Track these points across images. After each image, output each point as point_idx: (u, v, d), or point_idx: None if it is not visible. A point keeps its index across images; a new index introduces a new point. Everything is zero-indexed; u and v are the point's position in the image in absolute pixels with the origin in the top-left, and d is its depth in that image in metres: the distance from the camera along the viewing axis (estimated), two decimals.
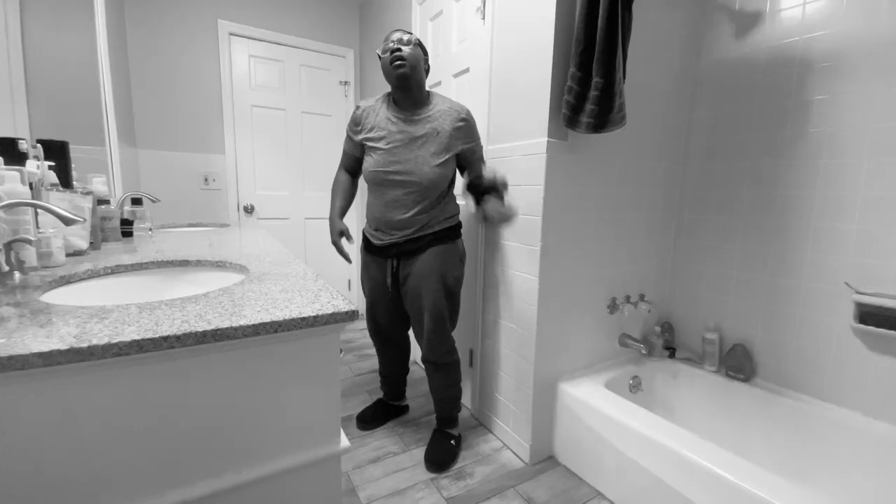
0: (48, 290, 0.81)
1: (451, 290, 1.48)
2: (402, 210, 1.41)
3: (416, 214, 1.41)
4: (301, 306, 0.69)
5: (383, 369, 1.78)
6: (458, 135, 1.41)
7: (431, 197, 1.41)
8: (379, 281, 1.55)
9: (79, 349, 0.49)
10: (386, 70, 1.39)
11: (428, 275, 1.43)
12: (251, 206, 2.68)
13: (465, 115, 1.43)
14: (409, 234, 1.43)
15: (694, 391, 1.69)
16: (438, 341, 1.48)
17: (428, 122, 1.40)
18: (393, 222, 1.43)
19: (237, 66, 2.55)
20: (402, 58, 1.34)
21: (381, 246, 1.48)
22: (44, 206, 0.79)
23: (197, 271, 1.04)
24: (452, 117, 1.41)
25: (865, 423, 1.31)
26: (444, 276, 1.44)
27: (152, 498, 0.59)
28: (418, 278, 1.44)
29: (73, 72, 1.61)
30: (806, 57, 1.43)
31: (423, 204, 1.41)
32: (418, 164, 1.38)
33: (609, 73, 1.27)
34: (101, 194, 1.34)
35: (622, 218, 1.64)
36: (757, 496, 0.99)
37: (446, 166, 1.41)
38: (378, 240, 1.49)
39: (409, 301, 1.49)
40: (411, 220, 1.42)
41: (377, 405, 1.81)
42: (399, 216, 1.42)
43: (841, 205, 1.37)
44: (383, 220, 1.45)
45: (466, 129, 1.43)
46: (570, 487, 1.42)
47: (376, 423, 1.75)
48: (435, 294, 1.43)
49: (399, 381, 1.81)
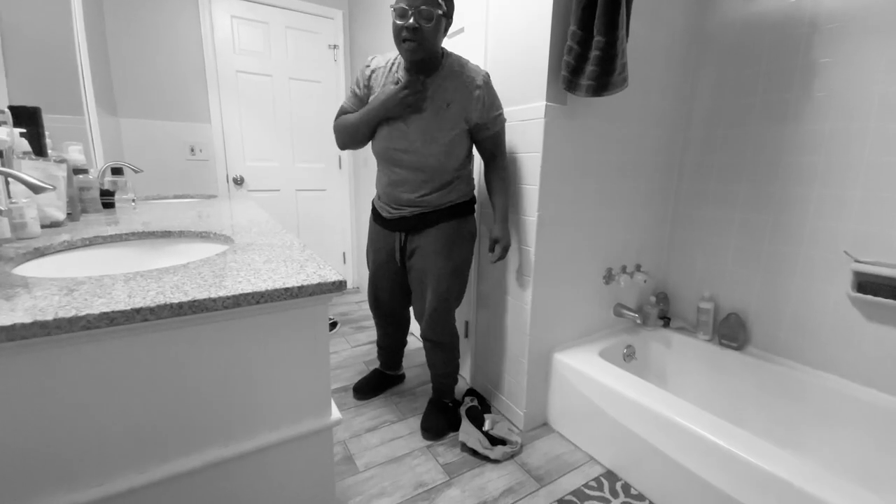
0: (21, 263, 0.77)
1: (458, 269, 1.42)
2: (408, 190, 1.34)
3: (425, 195, 1.33)
4: (285, 277, 0.66)
5: (381, 340, 1.77)
6: (472, 107, 1.24)
7: (441, 177, 1.32)
8: (384, 253, 1.48)
9: (43, 322, 0.46)
10: (395, 37, 1.18)
11: (435, 252, 1.37)
12: (241, 178, 2.60)
13: (481, 80, 1.24)
14: (417, 210, 1.36)
15: (687, 359, 1.70)
16: (441, 321, 1.45)
17: (438, 93, 1.24)
18: (401, 200, 1.36)
19: (219, 28, 2.41)
20: (418, 40, 1.13)
21: (390, 219, 1.42)
22: (9, 172, 0.74)
23: (180, 242, 1.01)
24: (467, 86, 1.23)
25: (858, 391, 1.32)
26: (451, 255, 1.38)
27: (133, 474, 0.58)
28: (425, 255, 1.39)
29: (47, 36, 1.51)
30: (814, 17, 1.36)
31: (432, 185, 1.32)
32: (426, 143, 1.25)
33: (611, 32, 1.20)
34: (77, 163, 1.28)
35: (620, 187, 1.60)
36: (748, 461, 1.01)
37: (457, 144, 1.28)
38: (387, 212, 1.43)
39: (414, 277, 1.45)
40: (419, 199, 1.34)
41: (374, 375, 1.82)
42: (406, 196, 1.35)
43: (845, 171, 1.33)
44: (392, 197, 1.38)
45: (481, 99, 1.24)
46: (564, 453, 1.45)
47: (373, 392, 1.76)
48: (441, 272, 1.38)
49: (396, 353, 1.82)
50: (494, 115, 1.29)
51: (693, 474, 1.11)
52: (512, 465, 1.38)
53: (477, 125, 1.28)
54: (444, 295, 1.41)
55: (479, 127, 1.29)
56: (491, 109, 1.28)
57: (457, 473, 1.35)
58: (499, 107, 1.31)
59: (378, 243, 1.50)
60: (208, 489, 0.65)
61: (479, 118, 1.27)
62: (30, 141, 1.11)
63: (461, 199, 1.40)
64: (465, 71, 1.25)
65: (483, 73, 1.27)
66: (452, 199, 1.38)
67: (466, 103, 1.24)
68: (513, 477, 1.33)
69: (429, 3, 1.12)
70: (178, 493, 0.62)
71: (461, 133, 1.29)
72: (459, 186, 1.39)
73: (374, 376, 1.81)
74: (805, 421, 1.40)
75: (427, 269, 1.40)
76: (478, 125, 1.28)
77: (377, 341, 1.79)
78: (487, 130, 1.30)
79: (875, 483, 1.21)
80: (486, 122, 1.29)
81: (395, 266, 1.48)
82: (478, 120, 1.27)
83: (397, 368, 1.86)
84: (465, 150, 1.34)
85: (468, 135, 1.32)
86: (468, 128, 1.29)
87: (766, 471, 0.97)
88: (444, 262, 1.38)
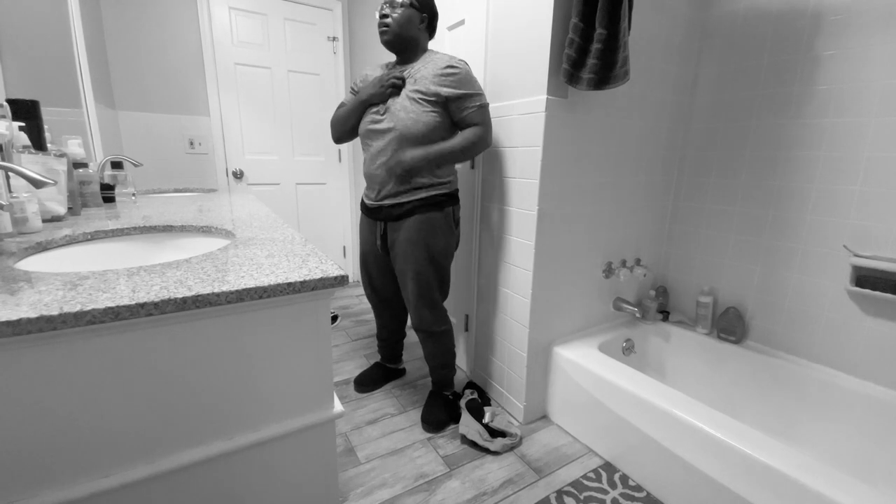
0: (24, 257, 0.78)
1: (436, 260, 1.44)
2: (382, 159, 1.38)
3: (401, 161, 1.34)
4: (288, 271, 0.66)
5: (380, 332, 1.80)
6: (441, 81, 1.30)
7: (411, 144, 1.34)
8: (370, 242, 1.55)
9: (49, 317, 0.47)
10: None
11: (413, 241, 1.40)
12: (240, 171, 2.59)
13: (453, 62, 1.32)
14: (395, 199, 1.39)
15: (685, 353, 1.71)
16: (425, 310, 1.47)
17: (416, 78, 1.34)
18: (379, 178, 1.40)
19: (217, 20, 2.39)
20: (386, 24, 1.33)
21: (371, 207, 1.47)
22: (10, 167, 0.74)
23: (181, 237, 1.01)
24: (437, 65, 1.32)
25: (855, 384, 1.33)
26: (428, 245, 1.40)
27: (141, 465, 0.58)
28: (403, 244, 1.42)
29: (43, 29, 1.49)
30: (818, 9, 1.35)
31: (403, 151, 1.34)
32: (396, 111, 1.34)
33: (613, 24, 1.19)
34: (77, 157, 1.27)
35: (621, 180, 1.60)
36: (745, 453, 1.02)
37: (424, 111, 1.31)
38: (368, 199, 1.48)
39: (397, 267, 1.48)
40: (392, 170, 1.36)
41: (375, 368, 1.84)
42: (380, 167, 1.38)
43: (845, 166, 1.33)
44: (370, 176, 1.43)
45: (451, 76, 1.31)
46: (563, 445, 1.46)
47: (374, 385, 1.78)
48: (418, 262, 1.41)
49: (395, 345, 1.84)
50: (466, 93, 1.32)
51: (691, 466, 1.13)
52: (511, 457, 1.40)
53: (448, 94, 1.31)
54: (424, 285, 1.44)
55: (450, 96, 1.31)
56: (463, 83, 1.31)
57: (457, 465, 1.36)
58: (471, 87, 1.33)
59: (364, 232, 1.57)
60: (213, 481, 0.65)
61: (449, 93, 1.31)
62: (29, 135, 1.10)
63: (438, 189, 1.41)
64: (441, 57, 1.36)
65: (456, 59, 1.34)
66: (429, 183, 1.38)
67: (435, 77, 1.31)
68: (512, 468, 1.35)
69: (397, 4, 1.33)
70: (183, 484, 0.63)
71: (430, 103, 1.31)
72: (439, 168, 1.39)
73: (375, 369, 1.83)
74: (802, 413, 1.41)
75: (406, 259, 1.42)
76: (448, 94, 1.31)
77: (377, 333, 1.82)
78: (460, 110, 1.33)
79: (871, 475, 1.23)
80: (458, 94, 1.31)
81: (380, 254, 1.53)
82: (448, 94, 1.31)
83: (398, 362, 1.88)
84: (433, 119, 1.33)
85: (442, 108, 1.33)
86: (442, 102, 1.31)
87: (763, 462, 0.98)
88: (421, 252, 1.40)
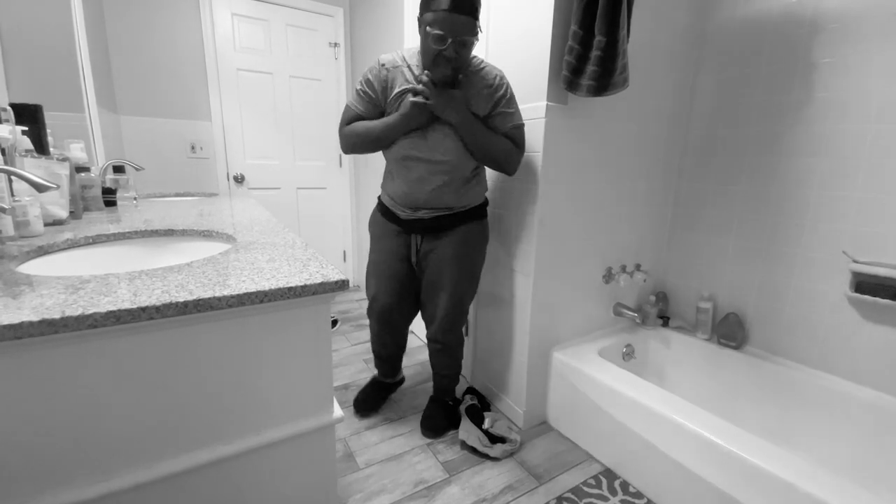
0: (25, 261, 0.78)
1: (473, 273, 1.43)
2: (428, 187, 1.30)
3: (443, 193, 1.30)
4: (288, 276, 0.66)
5: (380, 350, 1.63)
6: (480, 104, 1.24)
7: (460, 175, 1.30)
8: (394, 255, 1.42)
9: (51, 321, 0.47)
10: (425, 54, 1.18)
11: (452, 256, 1.36)
12: (241, 176, 2.60)
13: (493, 80, 1.24)
14: (434, 213, 1.35)
15: (685, 359, 1.71)
16: (453, 325, 1.44)
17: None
18: (420, 201, 1.33)
19: (220, 26, 2.41)
20: (450, 65, 1.14)
21: (406, 220, 1.37)
22: (13, 171, 0.75)
23: (182, 241, 1.01)
24: (475, 85, 1.24)
25: (855, 390, 1.33)
26: (467, 259, 1.38)
27: (141, 469, 0.58)
28: (441, 259, 1.37)
29: (47, 34, 1.51)
30: (816, 17, 1.36)
31: (451, 183, 1.30)
32: (445, 141, 1.24)
33: (612, 31, 1.20)
34: (79, 161, 1.28)
35: (620, 186, 1.61)
36: (745, 459, 1.01)
37: None
38: (402, 212, 1.38)
39: (427, 280, 1.42)
40: (438, 198, 1.31)
41: (374, 388, 1.70)
42: (424, 195, 1.31)
43: (844, 172, 1.33)
44: (409, 198, 1.33)
45: (493, 96, 1.24)
46: (563, 451, 1.46)
47: (375, 406, 1.66)
48: (456, 277, 1.37)
49: (395, 360, 1.70)
50: (504, 112, 1.26)
51: (691, 472, 1.12)
52: (511, 463, 1.39)
53: (484, 119, 1.27)
54: (459, 299, 1.41)
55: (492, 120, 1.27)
56: (503, 101, 1.26)
57: (456, 471, 1.35)
58: (508, 105, 1.27)
59: (385, 244, 1.44)
60: (213, 485, 0.65)
61: (485, 112, 1.26)
62: (31, 139, 1.11)
63: (476, 201, 1.40)
64: (480, 73, 1.25)
65: (497, 73, 1.26)
66: (469, 202, 1.37)
67: (476, 100, 1.24)
68: (512, 475, 1.34)
69: (468, 31, 1.11)
70: (183, 488, 0.63)
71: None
72: (476, 188, 1.38)
73: (374, 388, 1.70)
74: (802, 419, 1.41)
75: (442, 273, 1.38)
76: (484, 119, 1.27)
77: (374, 351, 1.66)
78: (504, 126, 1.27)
79: (871, 481, 1.22)
80: (494, 116, 1.26)
81: (406, 268, 1.44)
82: (483, 113, 1.26)
83: (396, 375, 1.77)
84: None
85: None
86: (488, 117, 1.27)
87: (764, 469, 0.98)
88: (460, 265, 1.37)
